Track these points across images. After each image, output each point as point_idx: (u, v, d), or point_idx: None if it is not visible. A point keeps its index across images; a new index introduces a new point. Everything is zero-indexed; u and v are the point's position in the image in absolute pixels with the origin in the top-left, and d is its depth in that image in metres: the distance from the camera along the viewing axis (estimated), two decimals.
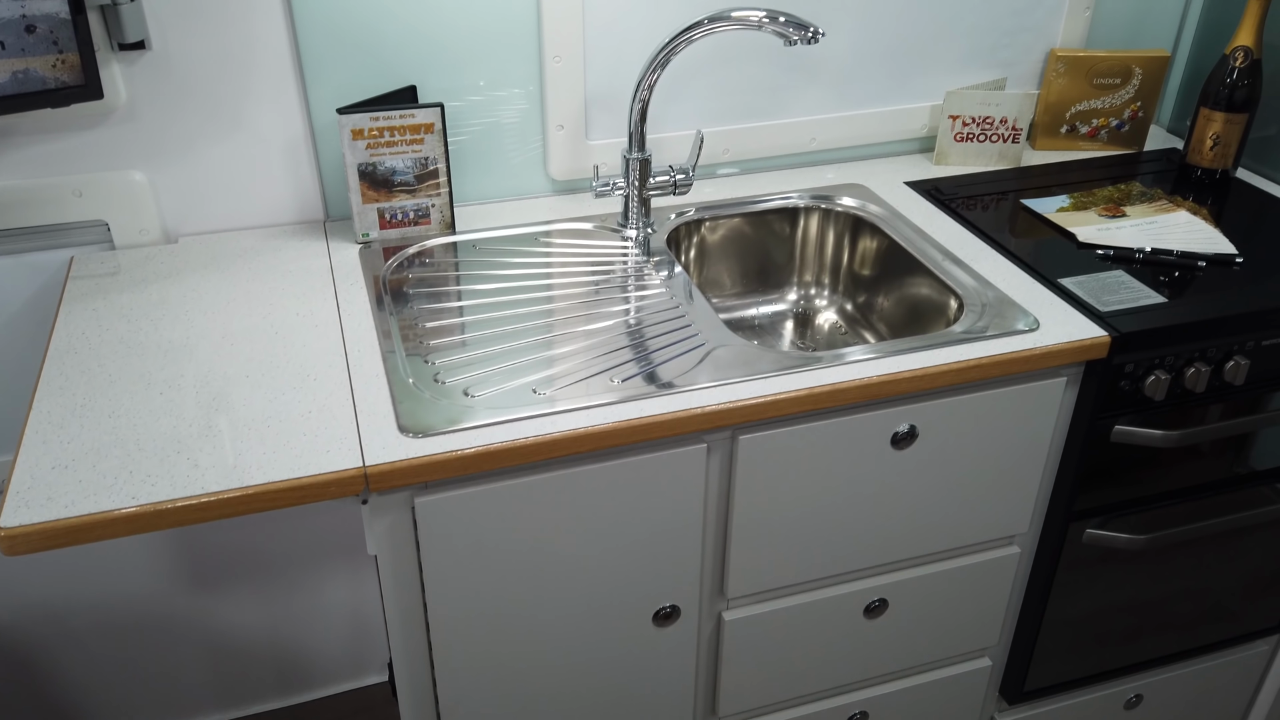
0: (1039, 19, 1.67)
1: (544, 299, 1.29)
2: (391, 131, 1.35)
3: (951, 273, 1.36)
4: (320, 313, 1.25)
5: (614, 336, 1.21)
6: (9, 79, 1.11)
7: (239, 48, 1.33)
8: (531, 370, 1.14)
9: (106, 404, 1.08)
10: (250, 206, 1.44)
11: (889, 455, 1.23)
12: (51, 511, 0.93)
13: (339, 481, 0.99)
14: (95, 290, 1.29)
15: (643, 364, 1.16)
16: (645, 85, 1.35)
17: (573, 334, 1.21)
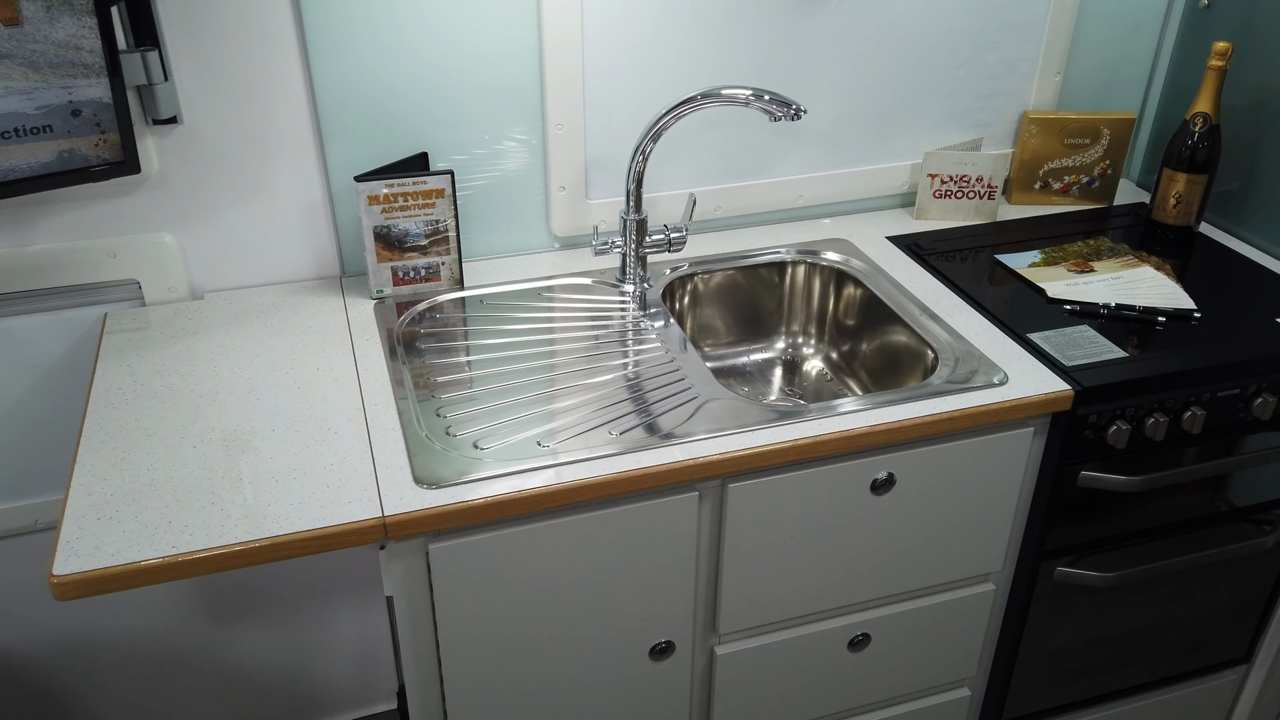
0: (1013, 84, 1.78)
1: (547, 353, 1.38)
2: (405, 196, 1.45)
3: (928, 327, 1.45)
4: (338, 367, 1.34)
5: (612, 390, 1.30)
6: (55, 158, 1.21)
7: (263, 121, 1.43)
8: (536, 423, 1.24)
9: (144, 457, 1.17)
10: (271, 264, 1.54)
11: (869, 501, 1.32)
12: (99, 560, 1.02)
13: (360, 531, 1.08)
14: (129, 345, 1.38)
15: (639, 416, 1.25)
16: (640, 154, 1.45)
17: (574, 387, 1.31)
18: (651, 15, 1.51)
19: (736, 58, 1.59)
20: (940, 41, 1.69)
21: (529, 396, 1.29)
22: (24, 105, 1.15)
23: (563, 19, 1.47)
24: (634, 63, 1.54)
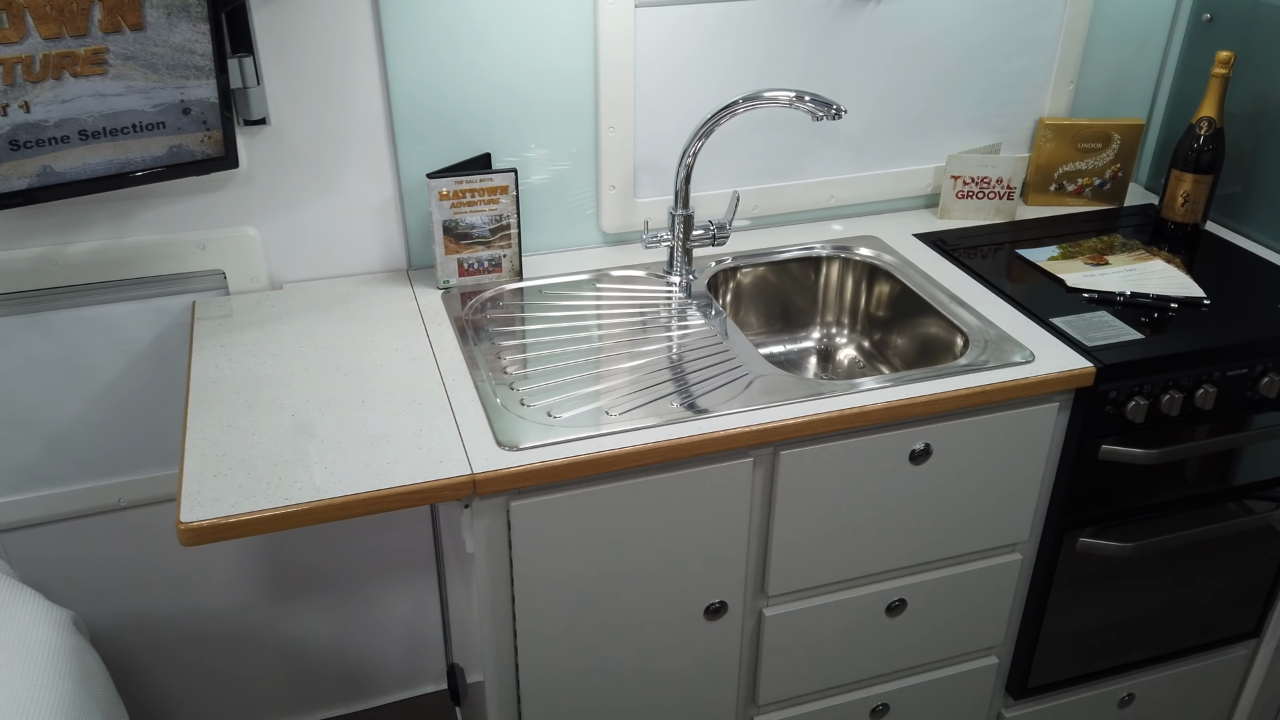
0: (1029, 92, 1.90)
1: (604, 334, 1.49)
2: (472, 193, 1.57)
3: (957, 313, 1.57)
4: (415, 348, 1.45)
5: (668, 366, 1.41)
6: (165, 152, 1.32)
7: (342, 123, 1.55)
8: (601, 395, 1.34)
9: (248, 424, 1.28)
10: (344, 257, 1.65)
11: (907, 470, 1.43)
12: (220, 510, 1.13)
13: (452, 486, 1.19)
14: (220, 330, 1.49)
15: (696, 390, 1.36)
16: (691, 152, 1.57)
17: (632, 365, 1.42)
18: (699, 28, 1.64)
19: (776, 68, 1.71)
20: (962, 53, 1.81)
21: (591, 372, 1.40)
22: (142, 103, 1.27)
23: (618, 31, 1.59)
24: (681, 71, 1.66)
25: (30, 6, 1.13)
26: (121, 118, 1.26)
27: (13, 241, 1.48)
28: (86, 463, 1.66)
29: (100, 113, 1.24)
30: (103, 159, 1.28)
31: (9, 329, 1.53)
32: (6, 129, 1.19)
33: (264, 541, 1.83)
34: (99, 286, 1.54)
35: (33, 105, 1.19)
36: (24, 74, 1.17)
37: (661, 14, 1.61)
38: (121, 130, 1.27)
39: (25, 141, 1.21)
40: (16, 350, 1.55)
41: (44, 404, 1.60)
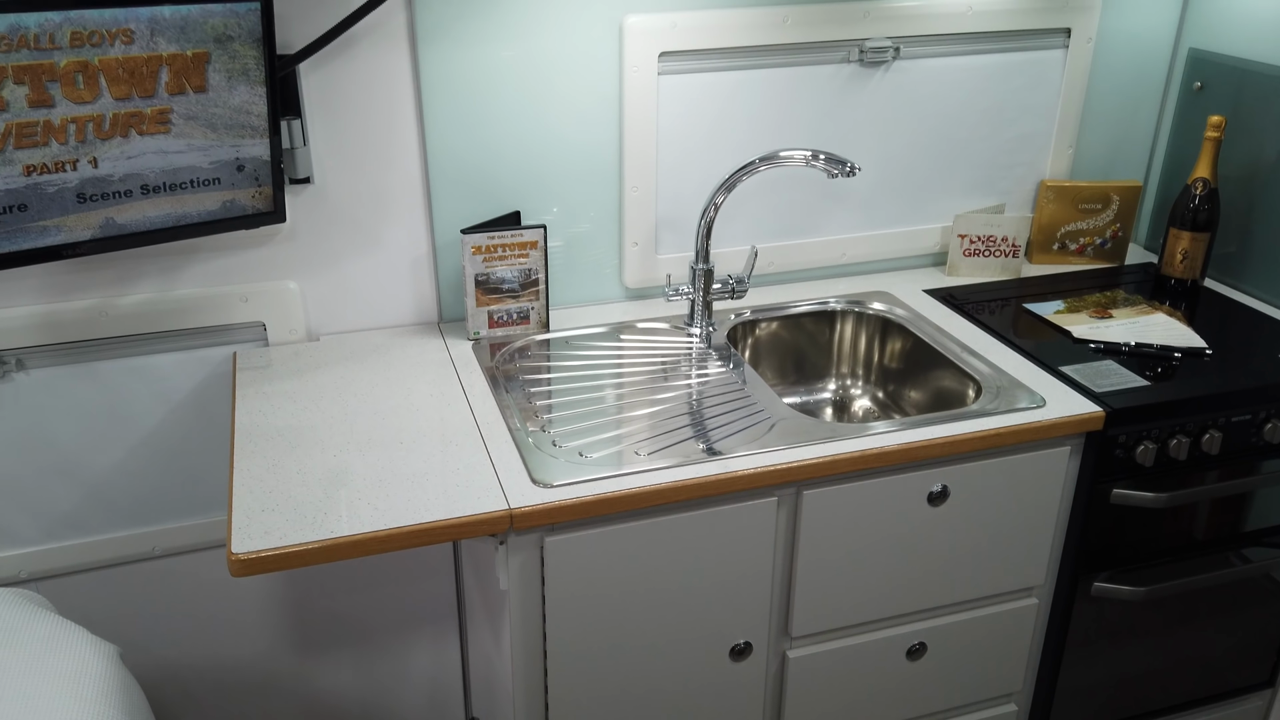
0: (1030, 155, 1.99)
1: (630, 381, 1.55)
2: (503, 247, 1.65)
3: (970, 362, 1.63)
4: (449, 394, 1.51)
5: (692, 411, 1.47)
6: (219, 207, 1.40)
7: (382, 182, 1.63)
8: (630, 436, 1.40)
9: (293, 463, 1.33)
10: (378, 310, 1.72)
11: (926, 512, 1.47)
12: (270, 542, 1.17)
13: (490, 521, 1.23)
14: (261, 379, 1.55)
15: (720, 432, 1.41)
16: (712, 206, 1.65)
17: (658, 409, 1.47)
18: (717, 94, 1.73)
19: (789, 131, 1.80)
20: (966, 118, 1.91)
21: (619, 416, 1.45)
22: (200, 160, 1.35)
23: (641, 96, 1.68)
24: (701, 134, 1.75)
25: (105, 69, 1.22)
26: (181, 173, 1.34)
27: (68, 294, 1.55)
28: (123, 510, 1.71)
29: (162, 168, 1.32)
30: (161, 212, 1.35)
31: (60, 378, 1.59)
32: (75, 183, 1.27)
33: (290, 591, 1.86)
34: (146, 337, 1.61)
35: (101, 160, 1.27)
36: (95, 131, 1.25)
37: (682, 80, 1.71)
38: (180, 185, 1.35)
39: (91, 195, 1.29)
40: (65, 398, 1.60)
41: (87, 451, 1.65)
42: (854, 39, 1.77)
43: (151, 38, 1.23)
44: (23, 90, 1.18)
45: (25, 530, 1.67)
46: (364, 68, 1.55)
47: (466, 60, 1.59)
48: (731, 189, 1.64)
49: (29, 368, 1.57)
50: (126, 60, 1.23)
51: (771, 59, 1.74)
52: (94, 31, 1.19)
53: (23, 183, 1.23)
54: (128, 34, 1.21)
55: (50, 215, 1.27)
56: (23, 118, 1.19)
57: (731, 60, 1.72)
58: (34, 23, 1.15)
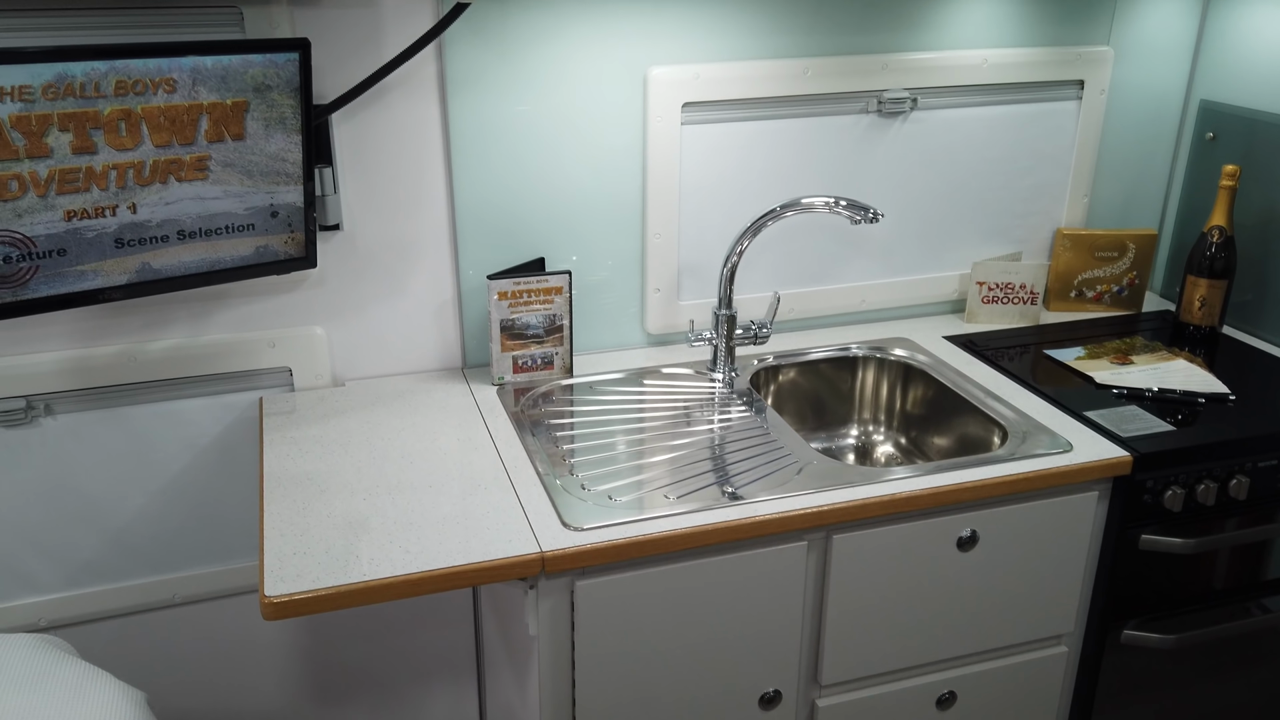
0: (1045, 204, 2.02)
1: (656, 425, 1.55)
2: (529, 293, 1.66)
3: (994, 408, 1.63)
4: (476, 438, 1.51)
5: (719, 455, 1.47)
6: (252, 252, 1.42)
7: (409, 229, 1.65)
8: (658, 480, 1.40)
9: (322, 507, 1.33)
10: (403, 356, 1.73)
11: (955, 557, 1.46)
12: (302, 585, 1.17)
13: (521, 564, 1.23)
14: (288, 423, 1.56)
15: (748, 475, 1.41)
16: (736, 252, 1.67)
17: (685, 453, 1.47)
18: (738, 143, 1.76)
19: (809, 180, 1.83)
20: (982, 167, 1.93)
21: (647, 460, 1.45)
22: (235, 206, 1.37)
23: (665, 145, 1.71)
24: (722, 182, 1.78)
25: (147, 117, 1.24)
26: (217, 219, 1.36)
27: (98, 339, 1.56)
28: (144, 557, 1.70)
29: (198, 214, 1.34)
30: (196, 257, 1.37)
31: (87, 423, 1.59)
32: (113, 228, 1.29)
33: (308, 639, 1.85)
34: (174, 382, 1.61)
35: (140, 206, 1.29)
36: (135, 178, 1.27)
37: (705, 130, 1.73)
38: (215, 231, 1.37)
39: (129, 240, 1.30)
40: (91, 444, 1.61)
41: (110, 497, 1.65)
42: (873, 90, 1.80)
43: (193, 87, 1.26)
44: (67, 137, 1.20)
45: (45, 577, 1.66)
46: (395, 117, 1.58)
47: (494, 110, 1.62)
48: (756, 234, 1.66)
49: (56, 413, 1.58)
50: (168, 109, 1.25)
51: (792, 109, 1.77)
52: (138, 80, 1.22)
53: (63, 227, 1.24)
54: (170, 83, 1.24)
55: (88, 260, 1.28)
56: (66, 164, 1.21)
57: (753, 110, 1.75)
58: (80, 71, 1.17)
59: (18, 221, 1.21)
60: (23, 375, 1.52)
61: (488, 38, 1.57)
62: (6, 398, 1.53)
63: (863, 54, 1.77)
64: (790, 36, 1.73)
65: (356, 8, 1.50)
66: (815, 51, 1.75)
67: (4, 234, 1.20)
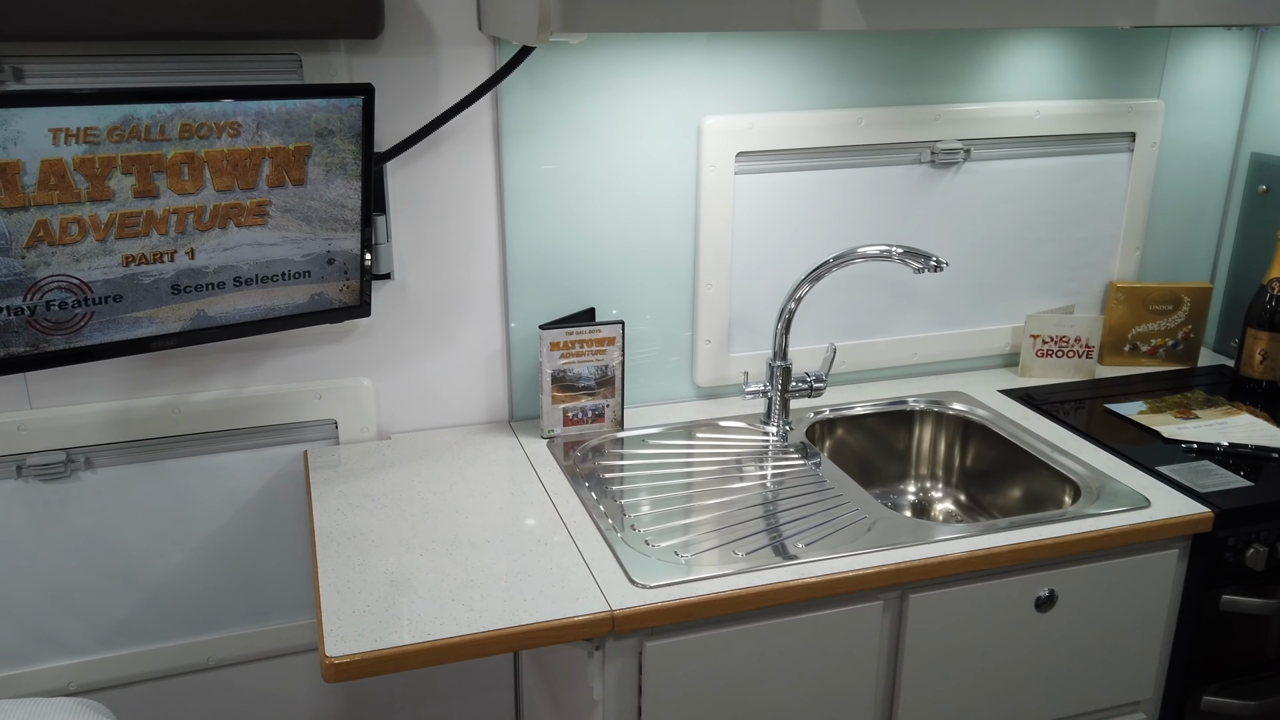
0: (1098, 257, 1.99)
1: (716, 479, 1.50)
2: (581, 344, 1.62)
3: (1063, 463, 1.58)
4: (531, 492, 1.46)
5: (785, 510, 1.42)
6: (308, 300, 1.39)
7: (460, 279, 1.62)
8: (724, 535, 1.34)
9: (379, 564, 1.27)
10: (449, 408, 1.69)
11: (1033, 618, 1.40)
12: (364, 645, 1.11)
13: (591, 623, 1.17)
14: (336, 477, 1.51)
15: (819, 531, 1.36)
16: (794, 298, 1.63)
17: (749, 508, 1.42)
18: (790, 193, 1.74)
19: (861, 231, 1.80)
20: (1035, 220, 1.91)
21: (709, 515, 1.40)
22: (293, 253, 1.34)
23: (718, 195, 1.69)
24: (774, 232, 1.75)
25: (210, 161, 1.22)
26: (274, 266, 1.33)
27: (142, 390, 1.52)
28: (180, 617, 1.64)
29: (255, 260, 1.31)
30: (251, 304, 1.33)
31: (127, 477, 1.54)
32: (170, 274, 1.25)
33: (343, 705, 1.77)
34: (216, 435, 1.57)
35: (198, 252, 1.26)
36: (194, 223, 1.24)
37: (757, 180, 1.71)
38: (272, 278, 1.33)
39: (185, 286, 1.27)
40: (130, 499, 1.56)
41: (148, 554, 1.59)
42: (926, 141, 1.78)
43: (257, 131, 1.24)
44: (129, 180, 1.17)
45: (76, 638, 1.60)
46: (449, 165, 1.56)
47: (548, 159, 1.60)
48: (816, 281, 1.62)
49: (96, 466, 1.53)
50: (231, 153, 1.23)
51: (845, 159, 1.75)
52: (203, 123, 1.19)
53: (120, 273, 1.21)
54: (235, 127, 1.22)
55: (144, 306, 1.25)
56: (127, 208, 1.18)
57: (806, 160, 1.73)
58: (147, 114, 1.15)
59: (75, 266, 1.17)
60: (64, 427, 1.48)
61: (544, 87, 1.56)
62: (47, 450, 1.49)
63: (916, 104, 1.76)
64: (844, 87, 1.72)
65: (414, 55, 1.49)
66: (869, 102, 1.74)
67: (61, 279, 1.17)
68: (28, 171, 1.10)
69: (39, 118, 1.08)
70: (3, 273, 1.13)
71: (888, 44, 1.71)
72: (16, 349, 1.17)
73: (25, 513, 1.52)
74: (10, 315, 1.15)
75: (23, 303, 1.16)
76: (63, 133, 1.10)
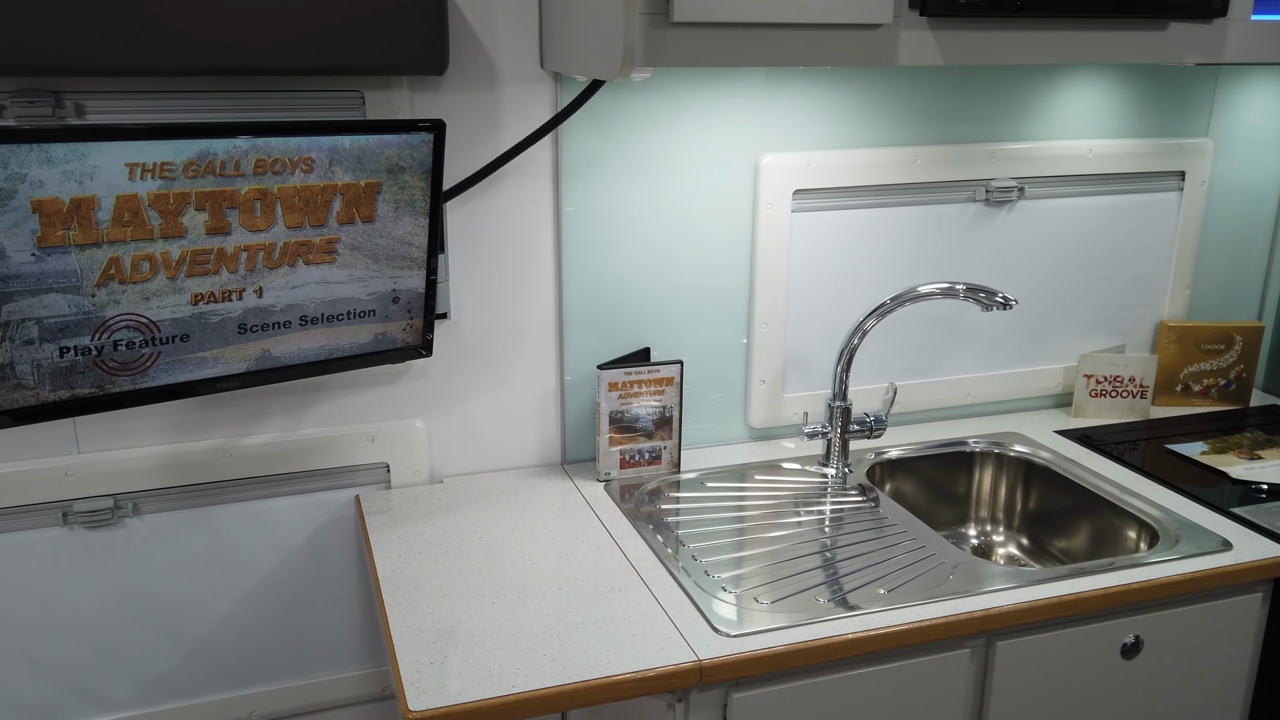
0: (1148, 296, 1.97)
1: (782, 523, 1.46)
2: (639, 384, 1.59)
3: (1134, 504, 1.54)
4: (595, 537, 1.42)
5: (860, 554, 1.37)
6: (371, 339, 1.35)
7: (516, 318, 1.59)
8: (800, 581, 1.30)
9: (449, 611, 1.22)
10: (501, 451, 1.65)
11: (1118, 665, 1.36)
12: (446, 698, 1.06)
13: (679, 674, 1.12)
14: (392, 523, 1.46)
15: (899, 576, 1.32)
16: (858, 334, 1.60)
17: (821, 552, 1.38)
18: (845, 230, 1.72)
19: (917, 270, 1.78)
20: (1085, 258, 1.89)
21: (782, 560, 1.36)
22: (359, 291, 1.31)
23: (775, 232, 1.66)
24: (829, 270, 1.73)
25: (282, 197, 1.19)
26: (339, 304, 1.29)
27: (192, 433, 1.47)
28: (224, 670, 1.58)
29: (322, 299, 1.28)
30: (316, 344, 1.30)
31: (173, 524, 1.49)
32: (238, 313, 1.22)
33: None
34: (266, 480, 1.52)
35: (266, 290, 1.23)
36: (264, 260, 1.21)
37: (812, 218, 1.69)
38: (337, 317, 1.30)
39: (252, 325, 1.23)
40: (175, 547, 1.50)
41: (192, 605, 1.54)
42: (980, 179, 1.77)
43: (329, 166, 1.21)
44: (202, 217, 1.14)
45: (117, 693, 1.53)
46: (508, 203, 1.54)
47: (606, 196, 1.58)
48: (881, 318, 1.60)
49: (144, 513, 1.48)
50: (303, 189, 1.20)
51: (900, 197, 1.74)
52: (277, 159, 1.17)
53: (189, 312, 1.18)
54: (308, 162, 1.19)
55: (210, 346, 1.21)
56: (199, 245, 1.15)
57: (860, 198, 1.72)
58: (223, 149, 1.13)
59: (144, 305, 1.14)
60: (113, 472, 1.43)
61: (604, 123, 1.54)
62: (95, 496, 1.44)
63: (971, 143, 1.75)
64: (900, 125, 1.70)
65: (475, 93, 1.47)
66: (925, 140, 1.73)
67: (129, 318, 1.13)
68: (102, 207, 1.07)
69: (116, 152, 1.05)
70: (72, 311, 1.09)
71: (943, 83, 1.71)
72: (82, 390, 1.13)
73: (69, 562, 1.46)
74: (77, 355, 1.11)
75: (90, 342, 1.12)
76: (139, 167, 1.07)
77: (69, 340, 1.10)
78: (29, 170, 1.01)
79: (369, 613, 1.63)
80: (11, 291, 1.04)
